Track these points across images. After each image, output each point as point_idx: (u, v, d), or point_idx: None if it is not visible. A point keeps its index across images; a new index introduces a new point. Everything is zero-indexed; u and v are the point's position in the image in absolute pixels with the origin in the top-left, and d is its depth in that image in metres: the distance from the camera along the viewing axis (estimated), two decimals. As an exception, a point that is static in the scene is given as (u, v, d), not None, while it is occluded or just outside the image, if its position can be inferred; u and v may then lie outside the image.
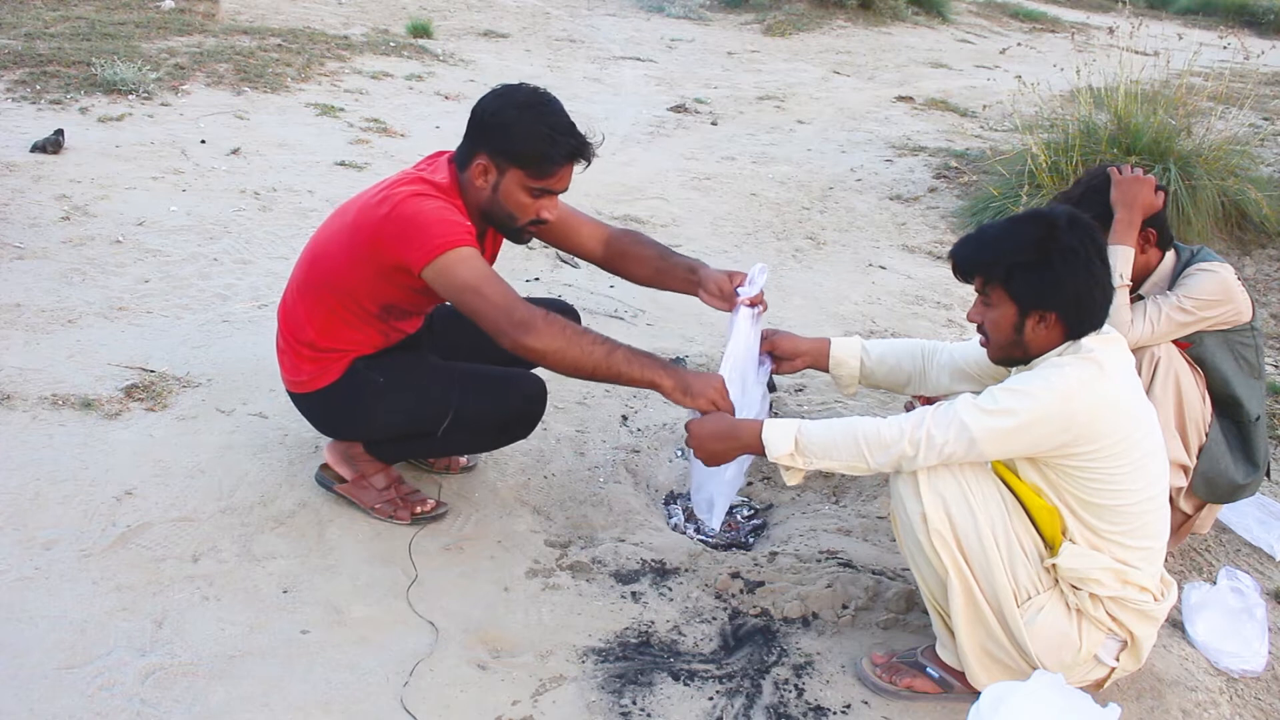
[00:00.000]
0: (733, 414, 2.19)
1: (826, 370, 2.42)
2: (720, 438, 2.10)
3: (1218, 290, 2.45)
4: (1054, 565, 1.95)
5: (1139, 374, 2.37)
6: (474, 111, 2.25)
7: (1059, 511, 1.95)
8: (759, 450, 2.05)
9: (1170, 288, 2.51)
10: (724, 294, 2.37)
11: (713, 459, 2.14)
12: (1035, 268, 1.91)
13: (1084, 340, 1.95)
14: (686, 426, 2.17)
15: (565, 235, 2.48)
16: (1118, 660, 2.02)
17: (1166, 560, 2.19)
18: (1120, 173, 2.52)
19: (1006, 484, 1.98)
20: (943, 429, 1.90)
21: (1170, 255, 2.58)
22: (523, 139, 2.17)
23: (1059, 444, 1.89)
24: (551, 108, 2.22)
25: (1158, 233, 2.54)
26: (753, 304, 2.31)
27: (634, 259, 2.52)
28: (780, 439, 2.02)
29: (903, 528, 2.02)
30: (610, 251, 2.52)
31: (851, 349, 2.40)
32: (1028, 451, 1.92)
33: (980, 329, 2.05)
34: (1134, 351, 2.16)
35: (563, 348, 2.11)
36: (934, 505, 1.93)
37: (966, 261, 2.02)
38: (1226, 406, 2.57)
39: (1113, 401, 1.90)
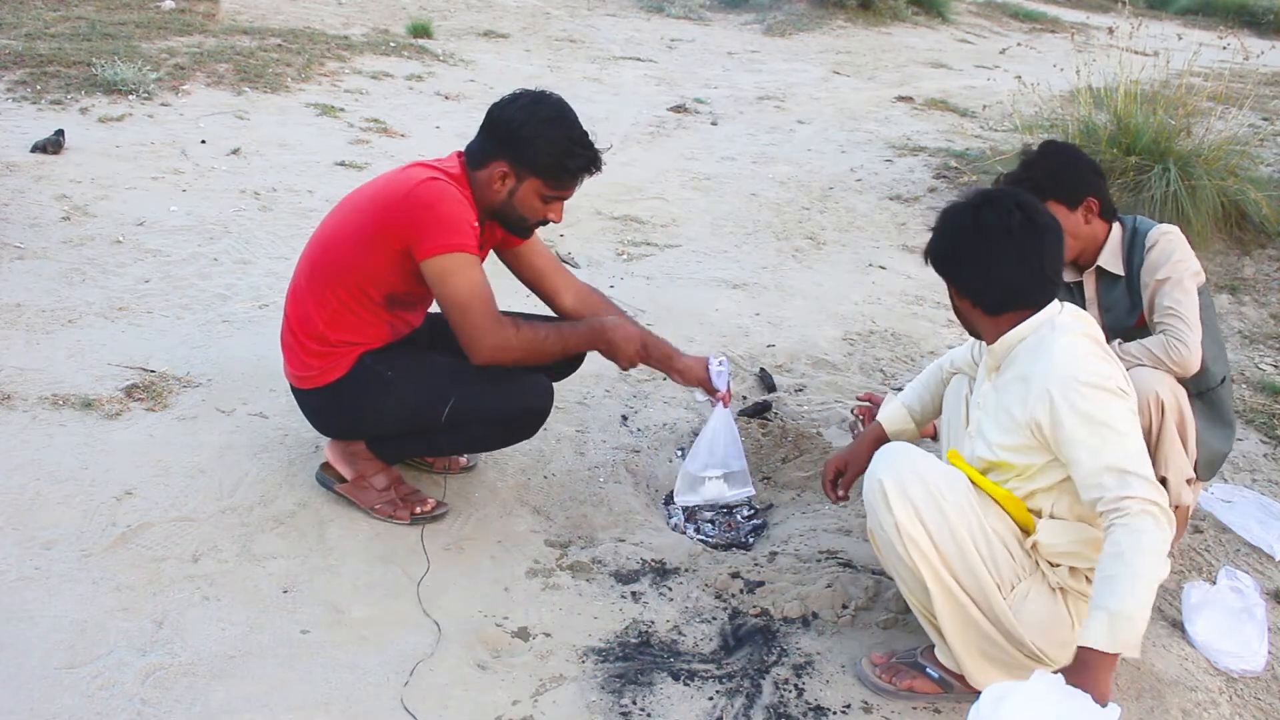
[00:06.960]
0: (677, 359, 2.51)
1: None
2: None
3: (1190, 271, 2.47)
4: (1035, 544, 1.96)
5: None
6: (494, 118, 2.33)
7: (1031, 496, 1.96)
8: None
9: (1124, 259, 2.54)
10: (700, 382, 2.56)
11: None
12: (959, 256, 2.05)
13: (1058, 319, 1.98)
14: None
15: (540, 280, 2.60)
16: None
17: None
18: None
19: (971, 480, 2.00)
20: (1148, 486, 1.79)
21: (1116, 227, 2.59)
22: (546, 152, 2.30)
23: None
24: (571, 119, 2.35)
25: (1100, 202, 2.53)
26: (725, 401, 2.55)
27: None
28: (1108, 642, 1.72)
29: (881, 542, 2.02)
30: (583, 306, 2.62)
31: (899, 415, 2.43)
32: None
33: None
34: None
35: (523, 359, 2.35)
36: (905, 513, 1.93)
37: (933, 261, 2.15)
38: (1195, 379, 2.46)
39: None
